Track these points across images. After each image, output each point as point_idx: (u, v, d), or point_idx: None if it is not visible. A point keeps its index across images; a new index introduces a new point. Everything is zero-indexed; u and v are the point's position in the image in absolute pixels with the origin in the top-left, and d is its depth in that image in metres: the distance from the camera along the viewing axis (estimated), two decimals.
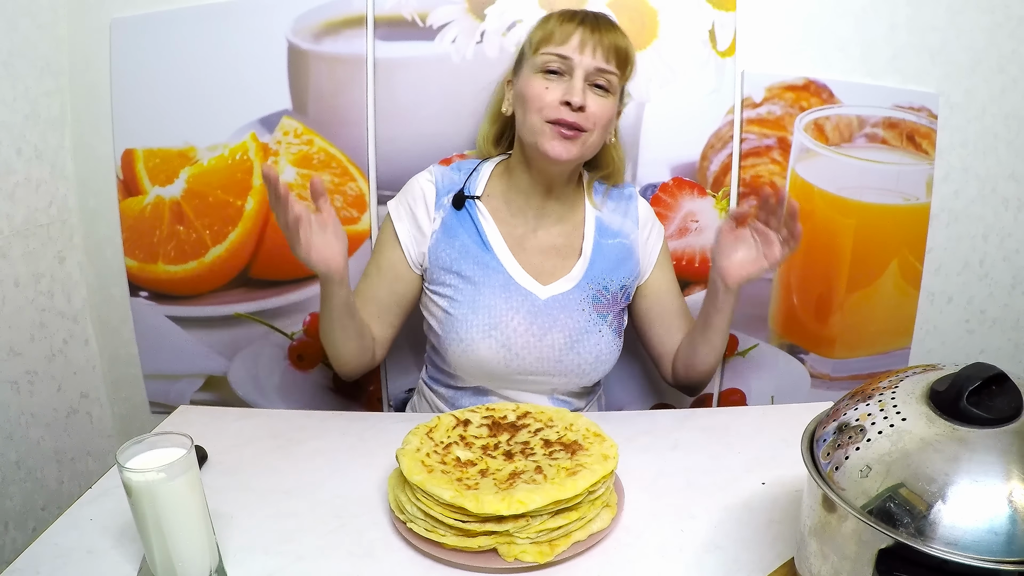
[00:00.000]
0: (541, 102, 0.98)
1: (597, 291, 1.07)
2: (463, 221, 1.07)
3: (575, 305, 1.06)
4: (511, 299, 1.04)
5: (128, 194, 1.29)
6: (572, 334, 1.05)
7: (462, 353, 1.04)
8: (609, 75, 0.99)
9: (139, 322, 1.36)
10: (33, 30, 1.18)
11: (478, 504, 0.72)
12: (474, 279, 1.05)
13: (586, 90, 0.98)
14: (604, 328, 1.06)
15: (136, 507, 0.66)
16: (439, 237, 1.07)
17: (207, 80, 1.23)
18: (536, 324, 1.04)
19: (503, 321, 1.03)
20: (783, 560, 0.73)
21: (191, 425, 1.04)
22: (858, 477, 0.55)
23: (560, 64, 0.98)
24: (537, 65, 0.99)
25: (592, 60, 0.97)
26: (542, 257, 1.08)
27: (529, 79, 1.00)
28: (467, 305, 1.04)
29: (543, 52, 0.99)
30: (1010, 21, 1.26)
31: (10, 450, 1.17)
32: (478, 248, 1.06)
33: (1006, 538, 0.49)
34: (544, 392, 1.09)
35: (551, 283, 1.06)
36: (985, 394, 0.55)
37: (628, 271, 1.11)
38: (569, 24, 0.99)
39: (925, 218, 1.35)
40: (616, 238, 1.11)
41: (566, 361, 1.05)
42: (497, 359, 1.04)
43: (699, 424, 1.04)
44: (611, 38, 0.99)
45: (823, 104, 1.27)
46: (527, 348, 1.04)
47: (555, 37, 0.98)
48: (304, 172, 1.27)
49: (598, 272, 1.08)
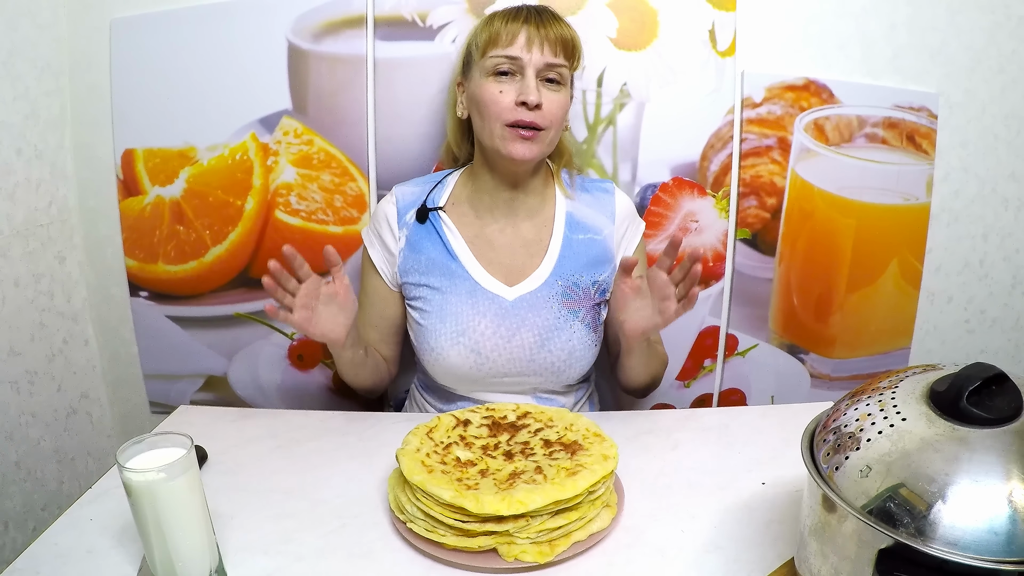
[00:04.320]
0: (498, 106, 0.98)
1: (566, 287, 1.07)
2: (428, 234, 1.08)
3: (543, 303, 1.05)
4: (477, 304, 1.05)
5: (128, 194, 1.29)
6: (542, 332, 1.04)
7: (435, 362, 1.06)
8: (559, 68, 1.00)
9: (139, 322, 1.36)
10: (33, 30, 1.18)
11: (478, 504, 0.72)
12: (442, 289, 1.06)
13: (539, 87, 0.98)
14: (575, 324, 1.06)
15: (136, 507, 0.66)
16: (406, 254, 1.08)
17: (207, 80, 1.23)
18: (504, 326, 1.04)
19: (470, 326, 1.04)
20: (783, 560, 0.73)
21: (191, 425, 1.04)
22: (858, 477, 0.55)
23: (510, 65, 0.98)
24: (487, 69, 0.99)
25: (541, 56, 0.98)
26: (512, 256, 1.08)
27: (481, 84, 1.00)
28: (435, 315, 1.05)
29: (491, 55, 0.99)
30: (1010, 21, 1.26)
31: (10, 450, 1.17)
32: (444, 258, 1.07)
33: (1006, 538, 0.49)
34: (525, 392, 1.09)
35: (519, 283, 1.06)
36: (985, 394, 0.55)
37: (601, 268, 1.10)
38: (514, 23, 0.98)
39: (925, 218, 1.35)
40: (587, 233, 1.10)
41: (538, 360, 1.05)
42: (468, 364, 1.04)
43: (699, 424, 1.04)
44: (556, 31, 0.99)
45: (823, 104, 1.27)
46: (496, 350, 1.04)
47: (501, 38, 0.98)
48: (304, 172, 1.27)
49: (567, 269, 1.07)
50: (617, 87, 1.24)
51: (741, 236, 1.32)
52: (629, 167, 1.28)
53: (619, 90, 1.24)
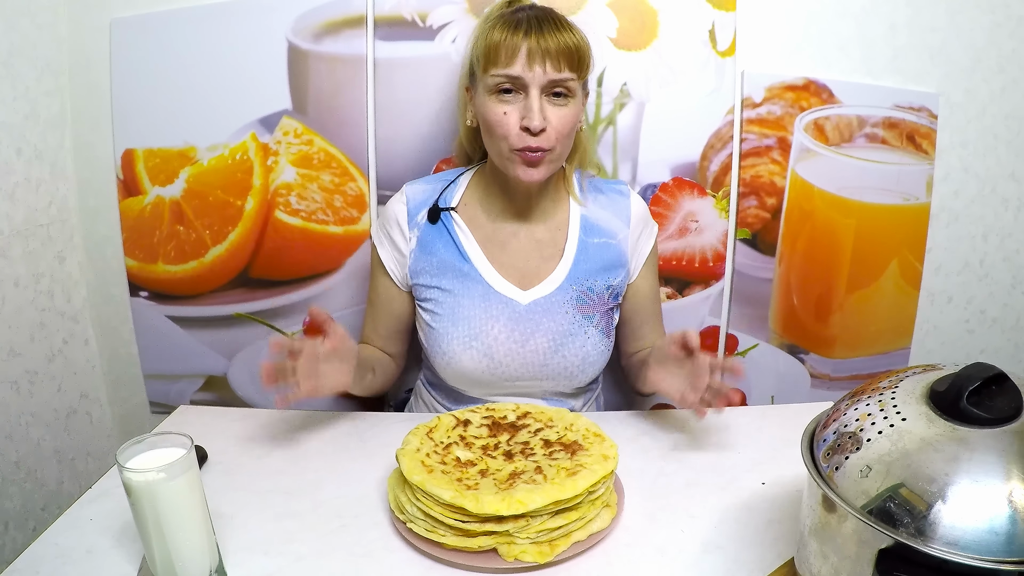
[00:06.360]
0: (503, 129, 0.95)
1: (581, 292, 1.05)
2: (440, 234, 1.06)
3: (558, 308, 1.04)
4: (491, 308, 1.03)
5: (128, 194, 1.29)
6: (556, 338, 1.03)
7: (446, 365, 1.04)
8: (566, 83, 0.94)
9: (139, 322, 1.36)
10: (33, 30, 1.18)
11: (478, 504, 0.72)
12: (454, 291, 1.04)
13: (544, 106, 0.94)
14: (590, 329, 1.05)
15: (136, 507, 0.66)
16: (417, 255, 1.06)
17: (207, 80, 1.23)
18: (518, 331, 1.03)
19: (483, 331, 1.02)
20: (783, 560, 0.73)
21: (191, 425, 1.04)
22: (858, 477, 0.55)
23: (512, 84, 0.94)
24: (489, 86, 0.95)
25: (544, 74, 0.92)
26: (525, 259, 1.06)
27: (485, 102, 0.96)
28: (447, 318, 1.03)
29: (493, 73, 0.94)
30: (1010, 21, 1.26)
31: (10, 450, 1.17)
32: (456, 260, 1.05)
33: (1006, 538, 0.49)
34: (536, 395, 1.09)
35: (533, 287, 1.05)
36: (985, 394, 0.55)
37: (615, 272, 1.08)
38: (514, 36, 0.92)
39: (925, 218, 1.35)
40: (602, 237, 1.08)
41: (551, 365, 1.04)
42: (480, 369, 1.03)
43: (699, 424, 1.04)
44: (559, 41, 0.93)
45: (823, 104, 1.27)
46: (510, 355, 1.03)
47: (501, 56, 0.93)
48: (304, 172, 1.27)
49: (582, 273, 1.06)
50: (617, 87, 1.24)
51: (741, 236, 1.32)
52: (629, 167, 1.27)
53: (619, 90, 1.24)
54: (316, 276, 1.32)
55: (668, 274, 1.33)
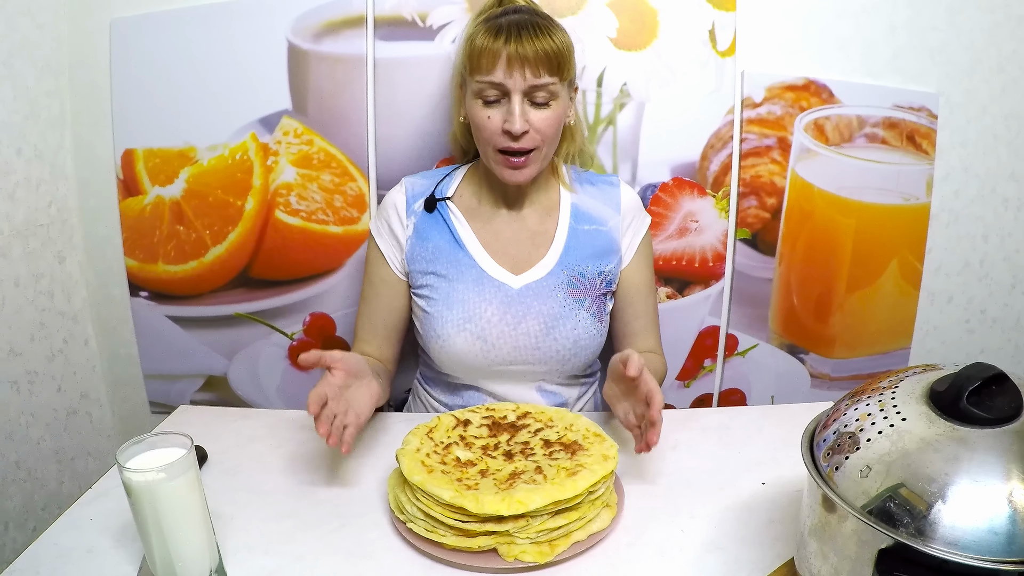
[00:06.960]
0: (487, 131, 0.98)
1: (572, 277, 1.07)
2: (436, 223, 1.09)
3: (549, 292, 1.06)
4: (484, 291, 1.05)
5: (128, 194, 1.29)
6: (547, 320, 1.05)
7: (440, 349, 1.06)
8: (547, 87, 0.96)
9: (139, 322, 1.36)
10: (33, 30, 1.18)
11: (478, 504, 0.72)
12: (448, 276, 1.06)
13: (526, 111, 0.96)
14: (581, 313, 1.06)
15: (136, 507, 0.66)
16: (413, 242, 1.09)
17: (207, 80, 1.23)
18: (510, 313, 1.05)
19: (476, 313, 1.04)
20: (783, 560, 0.73)
21: (191, 425, 1.04)
22: (858, 477, 0.55)
23: (494, 91, 0.97)
24: (475, 91, 0.98)
25: (524, 81, 0.95)
26: (518, 246, 1.09)
27: (472, 105, 1.00)
28: (442, 302, 1.06)
29: (476, 80, 0.97)
30: (1010, 21, 1.26)
31: (10, 450, 1.17)
32: (451, 246, 1.08)
33: (1006, 538, 0.49)
34: (530, 382, 1.09)
35: (525, 272, 1.07)
36: (985, 394, 0.55)
37: (607, 259, 1.10)
38: (495, 43, 0.94)
39: (925, 218, 1.35)
40: (593, 224, 1.10)
41: (543, 348, 1.05)
42: (474, 351, 1.05)
43: (699, 424, 1.04)
44: (539, 46, 0.94)
45: (823, 104, 1.27)
46: (502, 338, 1.04)
47: (483, 64, 0.95)
48: (304, 172, 1.27)
49: (573, 259, 1.08)
50: (617, 87, 1.24)
51: (741, 236, 1.32)
52: (629, 167, 1.27)
53: (619, 90, 1.24)
54: (316, 276, 1.32)
55: (668, 274, 1.33)
